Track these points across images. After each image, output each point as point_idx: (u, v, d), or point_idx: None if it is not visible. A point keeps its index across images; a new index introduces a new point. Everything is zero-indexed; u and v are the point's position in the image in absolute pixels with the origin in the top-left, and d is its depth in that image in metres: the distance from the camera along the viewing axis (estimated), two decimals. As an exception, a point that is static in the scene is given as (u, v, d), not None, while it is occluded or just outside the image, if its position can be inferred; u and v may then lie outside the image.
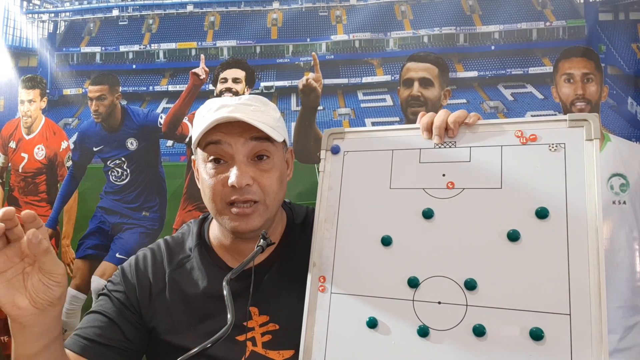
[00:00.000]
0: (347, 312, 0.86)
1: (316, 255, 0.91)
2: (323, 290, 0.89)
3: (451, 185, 0.86)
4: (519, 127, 0.85)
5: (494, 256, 0.80)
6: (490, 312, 0.77)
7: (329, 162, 0.96)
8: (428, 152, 0.90)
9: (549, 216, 0.78)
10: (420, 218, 0.86)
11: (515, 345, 0.75)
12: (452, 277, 0.81)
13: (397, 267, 0.85)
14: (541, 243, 0.78)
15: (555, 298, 0.74)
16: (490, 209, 0.82)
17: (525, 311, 0.75)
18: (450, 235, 0.84)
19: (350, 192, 0.94)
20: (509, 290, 0.77)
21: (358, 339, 0.83)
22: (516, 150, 0.84)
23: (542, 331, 0.73)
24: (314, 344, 0.86)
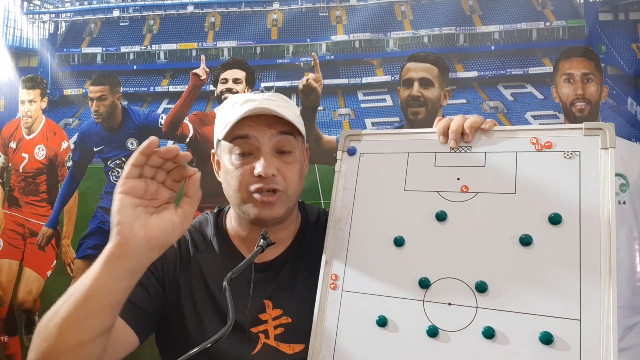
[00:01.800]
0: (358, 310, 0.87)
1: (329, 253, 0.93)
2: (334, 288, 0.90)
3: (465, 189, 0.87)
4: (535, 134, 0.85)
5: (506, 260, 0.80)
6: (500, 315, 0.78)
7: (344, 163, 0.98)
8: (443, 156, 0.91)
9: (562, 222, 0.78)
10: (434, 220, 0.87)
11: (524, 348, 0.75)
12: (463, 279, 0.82)
13: (409, 268, 0.86)
14: (553, 248, 0.78)
15: (566, 303, 0.74)
16: (504, 214, 0.83)
17: (535, 315, 0.76)
18: (462, 238, 0.84)
19: (365, 193, 0.95)
20: (519, 294, 0.78)
21: (367, 336, 0.84)
22: (531, 156, 0.85)
23: (552, 335, 0.73)
24: (323, 341, 0.87)
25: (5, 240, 2.57)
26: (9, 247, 2.56)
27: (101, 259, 0.71)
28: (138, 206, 0.72)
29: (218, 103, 2.33)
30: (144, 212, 0.72)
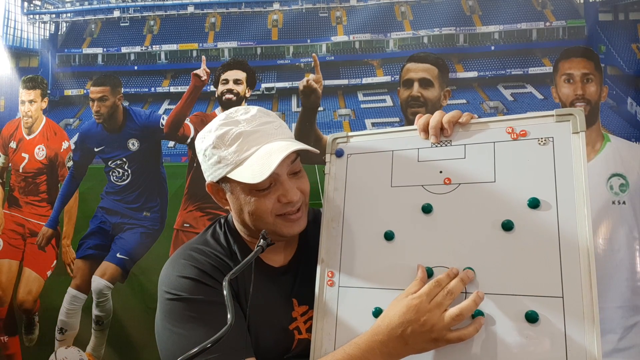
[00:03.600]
0: (355, 304, 0.91)
1: (324, 252, 0.98)
2: (331, 285, 0.95)
3: (448, 181, 0.92)
4: (510, 124, 0.90)
5: (490, 245, 0.84)
6: (488, 298, 0.81)
7: (333, 165, 1.04)
8: (426, 151, 0.96)
9: (540, 206, 0.83)
10: (420, 213, 0.92)
11: (512, 327, 0.79)
12: (451, 266, 0.86)
13: (400, 260, 0.90)
14: (534, 231, 0.82)
15: (548, 282, 0.78)
16: (485, 202, 0.87)
17: (520, 296, 0.80)
18: (448, 228, 0.89)
19: (355, 191, 1.00)
20: (504, 277, 0.82)
21: (365, 327, 0.86)
22: (508, 145, 0.89)
23: (537, 314, 0.78)
24: (324, 335, 0.92)
25: (5, 240, 2.57)
26: (9, 247, 2.56)
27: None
28: None
29: (219, 103, 2.33)
30: None
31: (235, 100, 2.29)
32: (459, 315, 0.78)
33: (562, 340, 0.75)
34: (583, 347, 0.74)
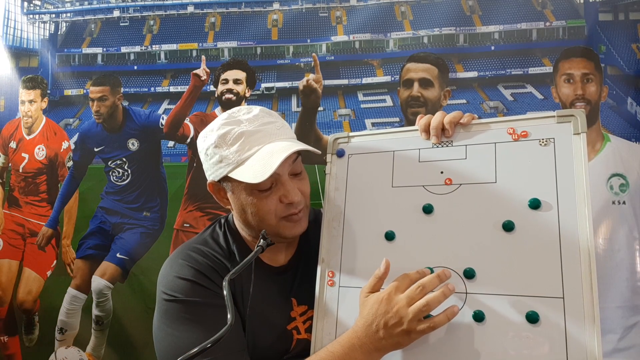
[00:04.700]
0: (355, 304, 0.90)
1: (324, 252, 0.98)
2: (332, 285, 0.96)
3: (449, 182, 0.92)
4: (511, 125, 0.90)
5: (491, 246, 0.84)
6: (489, 299, 0.82)
7: (334, 165, 1.04)
8: (427, 152, 0.96)
9: (541, 206, 0.83)
10: (421, 213, 0.92)
11: (513, 328, 0.79)
12: (452, 267, 0.86)
13: (400, 260, 0.89)
14: (534, 232, 0.82)
15: (549, 282, 0.78)
16: (486, 203, 0.87)
17: (521, 296, 0.80)
18: (449, 228, 0.89)
19: (355, 191, 1.00)
20: (505, 277, 0.82)
21: None
22: (509, 146, 0.89)
23: (538, 314, 0.78)
24: (324, 335, 0.92)
25: (5, 240, 2.57)
26: (9, 247, 2.56)
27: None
28: None
29: (219, 103, 2.33)
30: None
31: (235, 100, 2.29)
32: (425, 306, 0.78)
33: (562, 341, 0.75)
34: (584, 347, 0.74)
